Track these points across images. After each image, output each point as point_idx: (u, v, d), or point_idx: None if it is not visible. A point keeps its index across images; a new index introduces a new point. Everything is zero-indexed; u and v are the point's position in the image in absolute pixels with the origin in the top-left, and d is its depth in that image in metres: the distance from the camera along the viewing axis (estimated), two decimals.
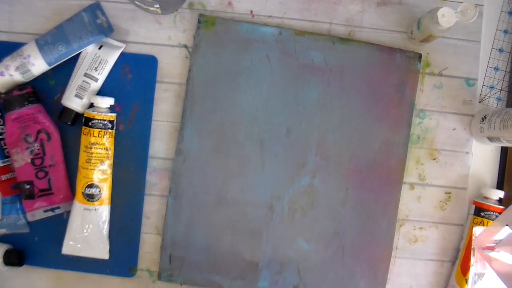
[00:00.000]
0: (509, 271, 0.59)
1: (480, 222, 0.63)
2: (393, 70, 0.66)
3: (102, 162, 0.61)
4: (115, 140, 0.63)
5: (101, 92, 0.64)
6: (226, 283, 0.63)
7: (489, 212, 0.63)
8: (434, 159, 0.67)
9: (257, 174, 0.64)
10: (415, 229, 0.67)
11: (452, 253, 0.67)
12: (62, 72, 0.63)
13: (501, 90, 0.68)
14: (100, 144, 0.60)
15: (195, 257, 0.64)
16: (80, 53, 0.63)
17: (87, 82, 0.62)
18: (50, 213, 0.62)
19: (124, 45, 0.64)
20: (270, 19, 0.67)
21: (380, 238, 0.65)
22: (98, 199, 0.61)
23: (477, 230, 0.63)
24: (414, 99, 0.66)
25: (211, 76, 0.64)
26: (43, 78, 0.63)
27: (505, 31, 0.68)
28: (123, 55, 0.64)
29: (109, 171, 0.62)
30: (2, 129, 0.62)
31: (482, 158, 0.68)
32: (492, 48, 0.68)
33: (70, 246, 0.61)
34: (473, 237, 0.63)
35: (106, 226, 0.62)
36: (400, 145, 0.66)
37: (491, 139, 0.63)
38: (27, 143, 0.61)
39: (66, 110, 0.62)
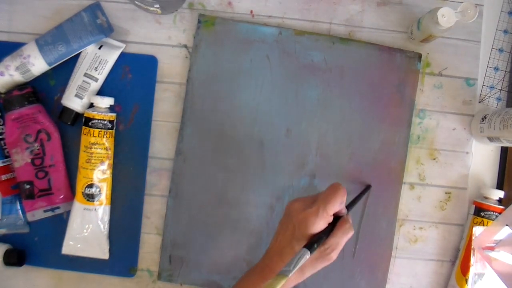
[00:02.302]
0: (509, 271, 0.59)
1: (480, 222, 0.63)
2: (393, 70, 0.66)
3: (102, 162, 0.61)
4: (115, 140, 0.63)
5: (101, 92, 0.64)
6: (226, 283, 0.63)
7: (489, 212, 0.63)
8: (434, 159, 0.67)
9: (257, 174, 0.64)
10: (415, 229, 0.67)
11: (452, 253, 0.67)
12: (62, 72, 0.63)
13: (501, 90, 0.68)
14: (100, 144, 0.60)
15: (195, 257, 0.64)
16: (80, 53, 0.63)
17: (87, 82, 0.62)
18: (50, 213, 0.62)
19: (124, 45, 0.64)
20: (270, 19, 0.67)
21: (380, 238, 0.65)
22: (98, 199, 0.61)
23: (477, 230, 0.63)
24: (414, 99, 0.66)
25: (211, 76, 0.64)
26: (43, 78, 0.63)
27: (505, 31, 0.68)
28: (123, 55, 0.64)
29: (109, 171, 0.62)
30: (2, 129, 0.62)
31: (482, 158, 0.68)
32: (492, 48, 0.68)
33: (70, 246, 0.61)
34: (473, 237, 0.63)
35: (106, 226, 0.62)
36: (400, 145, 0.66)
37: (491, 139, 0.63)
38: (27, 143, 0.61)
39: (66, 110, 0.62)
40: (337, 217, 0.51)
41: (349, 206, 0.55)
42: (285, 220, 0.51)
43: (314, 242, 0.47)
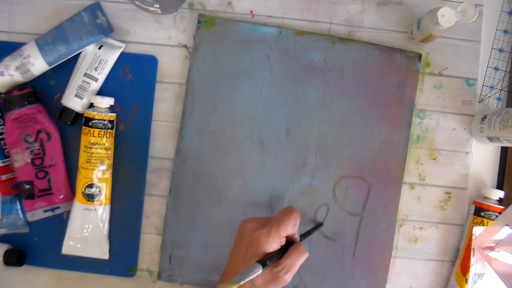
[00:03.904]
0: (509, 271, 0.59)
1: (480, 222, 0.63)
2: (393, 70, 0.66)
3: (102, 162, 0.61)
4: (115, 140, 0.63)
5: (101, 92, 0.64)
6: None
7: (489, 212, 0.63)
8: (434, 159, 0.67)
9: (257, 174, 0.64)
10: (415, 229, 0.67)
11: (452, 253, 0.67)
12: (62, 72, 0.63)
13: (501, 90, 0.68)
14: (100, 144, 0.60)
15: (195, 257, 0.64)
16: (80, 53, 0.63)
17: (87, 82, 0.62)
18: (50, 213, 0.62)
19: (124, 45, 0.64)
20: (270, 19, 0.67)
21: (380, 238, 0.65)
22: (98, 199, 0.61)
23: (477, 230, 0.63)
24: (414, 99, 0.66)
25: (211, 76, 0.64)
26: (43, 78, 0.63)
27: (505, 31, 0.68)
28: (123, 55, 0.64)
29: (109, 171, 0.62)
30: (2, 129, 0.62)
31: (482, 158, 0.68)
32: (492, 48, 0.68)
33: (70, 246, 0.61)
34: (473, 237, 0.63)
35: (106, 226, 0.62)
36: (400, 145, 0.66)
37: (491, 139, 0.63)
38: (27, 143, 0.61)
39: (66, 110, 0.62)
40: (290, 243, 0.51)
41: (302, 236, 0.56)
42: (238, 240, 0.51)
43: (267, 259, 0.48)
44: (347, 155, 0.65)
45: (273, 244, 0.49)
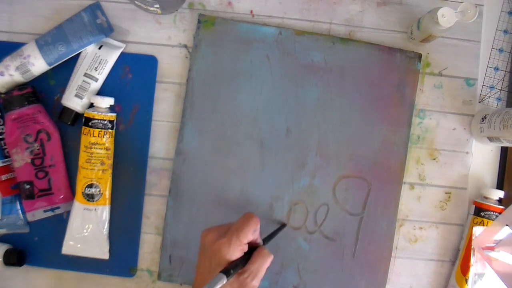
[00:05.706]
0: (509, 271, 0.59)
1: (480, 222, 0.63)
2: (393, 70, 0.66)
3: (102, 162, 0.61)
4: (115, 140, 0.63)
5: (101, 92, 0.64)
6: None
7: (489, 212, 0.63)
8: (434, 159, 0.67)
9: (257, 174, 0.64)
10: (415, 229, 0.67)
11: (452, 253, 0.67)
12: (62, 72, 0.63)
13: (501, 90, 0.68)
14: (100, 144, 0.60)
15: (195, 257, 0.63)
16: (80, 53, 0.63)
17: (87, 82, 0.62)
18: (50, 213, 0.62)
19: (124, 45, 0.64)
20: (270, 19, 0.67)
21: (380, 238, 0.65)
22: (98, 199, 0.61)
23: (477, 230, 0.63)
24: (414, 99, 0.66)
25: (211, 76, 0.64)
26: (43, 78, 0.63)
27: (505, 31, 0.68)
28: (123, 55, 0.64)
29: (109, 171, 0.62)
30: (2, 129, 0.62)
31: (482, 158, 0.68)
32: (492, 48, 0.68)
33: (70, 246, 0.61)
34: (473, 237, 0.63)
35: (106, 226, 0.62)
36: (400, 145, 0.66)
37: (491, 139, 0.63)
38: (27, 143, 0.61)
39: (66, 110, 0.62)
40: (253, 248, 0.51)
41: (266, 240, 0.56)
42: (201, 252, 0.51)
43: (231, 267, 0.47)
44: (347, 155, 0.65)
45: (235, 252, 0.48)
